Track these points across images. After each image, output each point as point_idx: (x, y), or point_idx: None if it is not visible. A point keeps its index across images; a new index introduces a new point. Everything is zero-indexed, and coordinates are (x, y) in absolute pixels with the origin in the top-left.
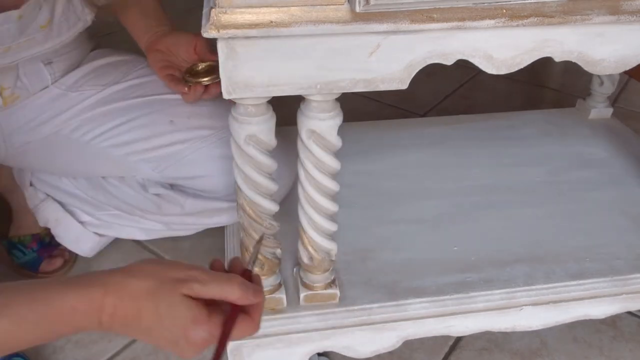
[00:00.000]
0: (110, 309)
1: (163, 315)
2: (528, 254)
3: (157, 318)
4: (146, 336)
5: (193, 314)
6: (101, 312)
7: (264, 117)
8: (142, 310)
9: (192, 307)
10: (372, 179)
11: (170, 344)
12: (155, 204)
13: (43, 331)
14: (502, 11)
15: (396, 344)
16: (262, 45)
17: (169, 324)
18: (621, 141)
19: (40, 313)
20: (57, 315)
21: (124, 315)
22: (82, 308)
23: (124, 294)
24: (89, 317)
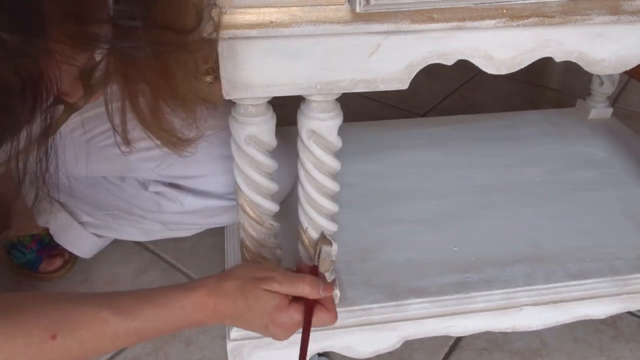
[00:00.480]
0: (212, 306)
1: (253, 306)
2: (528, 254)
3: (248, 309)
4: (244, 324)
5: (276, 303)
6: (205, 309)
7: (264, 117)
8: (236, 304)
9: (275, 297)
10: (372, 179)
11: (263, 329)
12: (155, 202)
13: (163, 327)
14: (503, 11)
15: (396, 344)
16: (262, 45)
17: (258, 312)
18: (621, 141)
19: (160, 314)
20: (172, 315)
21: (223, 310)
22: (189, 307)
23: (221, 293)
24: (196, 314)
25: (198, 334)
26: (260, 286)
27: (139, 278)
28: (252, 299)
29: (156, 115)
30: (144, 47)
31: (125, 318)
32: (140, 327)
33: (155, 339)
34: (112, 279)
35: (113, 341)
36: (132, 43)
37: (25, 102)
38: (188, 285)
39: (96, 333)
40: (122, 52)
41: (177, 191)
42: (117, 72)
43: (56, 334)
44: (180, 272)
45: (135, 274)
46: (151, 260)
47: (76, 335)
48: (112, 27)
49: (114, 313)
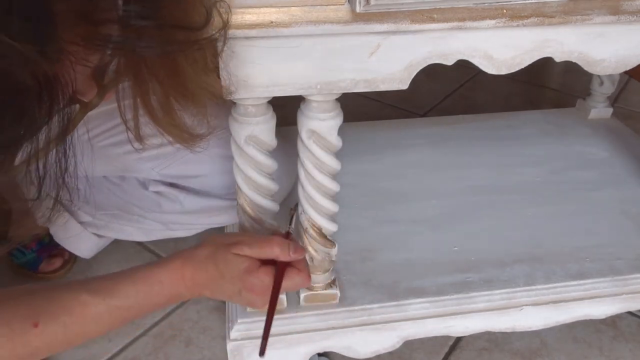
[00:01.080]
0: (189, 275)
1: (223, 271)
2: (528, 254)
3: (219, 274)
4: (222, 293)
5: (245, 266)
6: (183, 279)
7: (264, 117)
8: (208, 270)
9: (244, 261)
10: (372, 179)
11: (237, 296)
12: (155, 201)
13: (144, 303)
14: (503, 11)
15: (396, 344)
16: (262, 45)
17: (229, 276)
18: (621, 141)
19: (139, 289)
20: (150, 289)
21: (199, 277)
22: (167, 280)
23: (195, 261)
24: (175, 285)
25: (198, 334)
26: (231, 251)
27: None
28: (222, 264)
29: (167, 112)
30: (155, 46)
31: (104, 298)
32: (121, 305)
33: (155, 339)
34: None
35: (97, 322)
36: (142, 42)
37: (42, 103)
38: (164, 259)
39: (78, 316)
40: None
41: (177, 191)
42: (128, 70)
43: (38, 322)
44: None
45: None
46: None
47: (58, 321)
48: (123, 27)
49: (93, 294)
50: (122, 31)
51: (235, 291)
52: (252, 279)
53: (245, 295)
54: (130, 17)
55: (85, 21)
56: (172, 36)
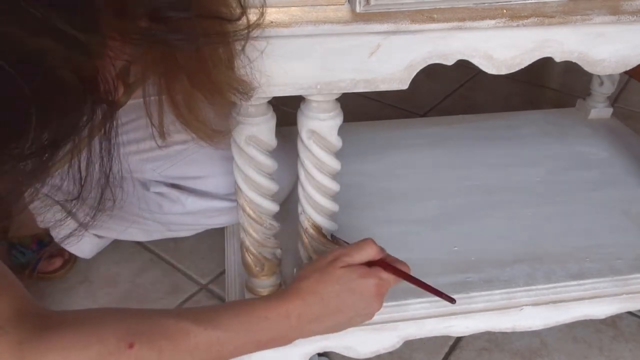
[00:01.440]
0: (295, 311)
1: (340, 288)
2: (528, 254)
3: (337, 294)
4: (338, 315)
5: (358, 273)
6: (288, 316)
7: (264, 117)
8: (323, 296)
9: (353, 270)
10: (372, 179)
11: (358, 308)
12: (157, 202)
13: (246, 338)
14: (503, 11)
15: (396, 344)
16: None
17: (347, 290)
18: (621, 141)
19: (243, 322)
20: (255, 323)
21: (312, 311)
22: (271, 315)
23: (304, 294)
24: (279, 322)
25: None
26: (337, 267)
27: (139, 278)
28: (336, 281)
29: (192, 108)
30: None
31: (206, 327)
32: (222, 337)
33: None
34: (112, 279)
35: (192, 353)
36: (178, 35)
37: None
38: (267, 296)
39: (176, 344)
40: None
41: (178, 192)
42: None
43: (134, 343)
44: (180, 272)
45: (135, 274)
46: (151, 260)
47: (154, 346)
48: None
49: (195, 323)
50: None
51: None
52: (371, 279)
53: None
54: (166, 9)
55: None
56: (207, 28)
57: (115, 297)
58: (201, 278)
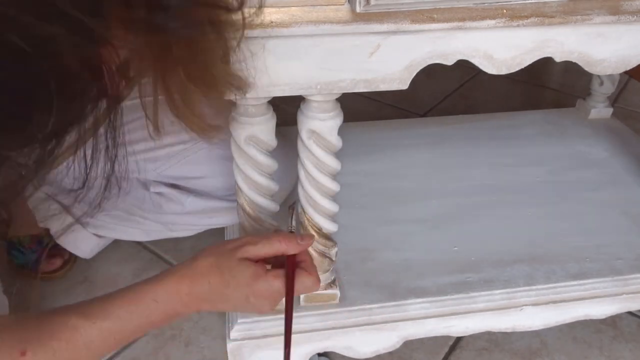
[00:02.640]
0: (186, 290)
1: (228, 280)
2: (528, 254)
3: (225, 284)
4: (224, 303)
5: (251, 271)
6: (179, 295)
7: (264, 117)
8: (211, 282)
9: (249, 265)
10: (372, 179)
11: (244, 303)
12: (156, 202)
13: (138, 324)
14: (503, 11)
15: (396, 344)
16: (262, 45)
17: (235, 285)
18: (621, 141)
19: (132, 310)
20: (144, 309)
21: (200, 291)
22: (162, 297)
23: (194, 275)
24: (170, 303)
25: (198, 334)
26: (235, 256)
27: (139, 278)
28: (226, 271)
29: (188, 101)
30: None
31: (95, 321)
32: (114, 328)
33: (155, 339)
34: (112, 279)
35: (88, 347)
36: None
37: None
38: (158, 275)
39: (67, 342)
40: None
41: (178, 192)
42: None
43: (25, 350)
44: None
45: (135, 274)
46: (151, 260)
47: (47, 348)
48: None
49: (84, 317)
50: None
51: (242, 299)
52: (260, 283)
53: (253, 302)
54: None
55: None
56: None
57: None
58: None
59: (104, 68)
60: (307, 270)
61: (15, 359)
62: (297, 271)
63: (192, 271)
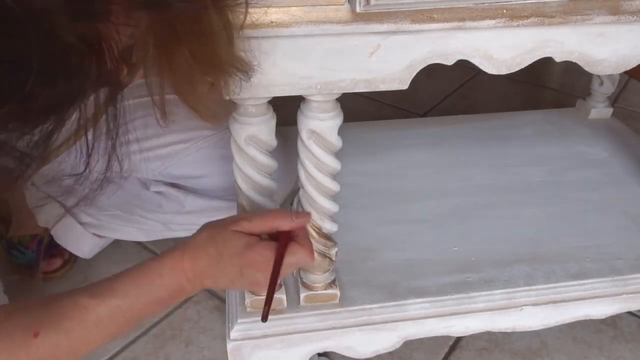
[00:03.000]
0: (188, 264)
1: (222, 251)
2: (528, 254)
3: (219, 255)
4: (219, 277)
5: (244, 241)
6: (183, 270)
7: (264, 117)
8: (208, 254)
9: (242, 236)
10: (372, 179)
11: (238, 276)
12: (156, 202)
13: (146, 300)
14: (503, 11)
15: (396, 344)
16: (262, 45)
17: (228, 255)
18: (621, 141)
19: (139, 286)
20: (150, 284)
21: (199, 264)
22: (167, 272)
23: (193, 247)
24: (176, 277)
25: (198, 334)
26: (229, 228)
27: None
28: (220, 242)
29: (194, 85)
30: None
31: (103, 299)
32: (123, 305)
33: (155, 339)
34: None
35: (97, 325)
36: None
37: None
38: (162, 253)
39: (79, 321)
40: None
41: (178, 191)
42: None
43: (39, 331)
44: None
45: None
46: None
47: (59, 328)
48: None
49: (92, 297)
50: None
51: (237, 271)
52: (252, 253)
53: (247, 274)
54: None
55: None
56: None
57: None
58: None
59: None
60: (300, 243)
61: (28, 340)
62: (291, 244)
63: (191, 245)
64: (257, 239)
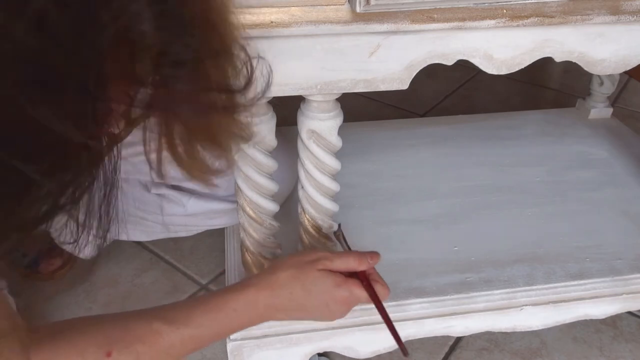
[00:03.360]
0: (264, 301)
1: (311, 289)
2: (528, 254)
3: (307, 293)
4: (303, 312)
5: (333, 280)
6: (257, 306)
7: (264, 117)
8: (293, 292)
9: (330, 275)
10: (372, 179)
11: (322, 310)
12: (157, 204)
13: (217, 331)
14: (503, 11)
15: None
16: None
17: (317, 293)
18: (621, 141)
19: (213, 318)
20: (224, 318)
21: (279, 302)
22: (241, 308)
23: (274, 287)
24: (248, 313)
25: None
26: (315, 267)
27: (139, 278)
28: (309, 282)
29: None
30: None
31: (178, 327)
32: (195, 334)
33: None
34: (112, 279)
35: (168, 351)
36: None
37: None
38: (238, 285)
39: (151, 345)
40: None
41: (180, 194)
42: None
43: (111, 351)
44: (180, 272)
45: (135, 274)
46: (151, 260)
47: (131, 350)
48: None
49: (167, 323)
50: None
51: (322, 306)
52: (342, 291)
53: (332, 308)
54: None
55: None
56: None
57: (115, 297)
58: (201, 278)
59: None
60: (377, 280)
61: (99, 358)
62: (373, 283)
63: (272, 283)
64: (342, 277)
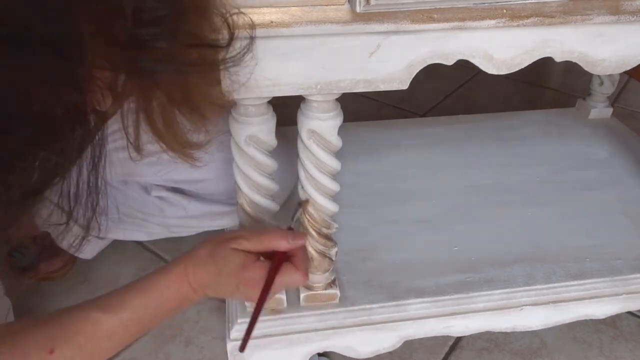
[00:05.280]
0: (192, 276)
1: (221, 267)
2: (528, 254)
3: (218, 271)
4: (219, 290)
5: (242, 261)
6: (188, 280)
7: (264, 117)
8: (208, 269)
9: (240, 255)
10: (372, 179)
11: (234, 290)
12: (158, 207)
13: (155, 311)
14: (503, 11)
15: (396, 344)
16: (262, 45)
17: (226, 273)
18: (621, 141)
19: (148, 298)
20: (159, 296)
21: (201, 277)
22: (174, 283)
23: (196, 261)
24: (182, 287)
25: (198, 334)
26: (229, 246)
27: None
28: (220, 260)
29: (170, 126)
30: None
31: (115, 313)
32: (133, 317)
33: (155, 339)
34: (112, 279)
35: (110, 338)
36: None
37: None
38: (165, 265)
39: (91, 335)
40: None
41: (180, 196)
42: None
43: (53, 348)
44: None
45: (135, 274)
46: (151, 260)
47: (72, 344)
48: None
49: (103, 311)
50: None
51: (233, 286)
52: (247, 272)
53: (242, 290)
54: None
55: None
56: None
57: None
58: None
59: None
60: (295, 264)
61: (43, 358)
62: (285, 264)
63: (192, 260)
64: (253, 258)
